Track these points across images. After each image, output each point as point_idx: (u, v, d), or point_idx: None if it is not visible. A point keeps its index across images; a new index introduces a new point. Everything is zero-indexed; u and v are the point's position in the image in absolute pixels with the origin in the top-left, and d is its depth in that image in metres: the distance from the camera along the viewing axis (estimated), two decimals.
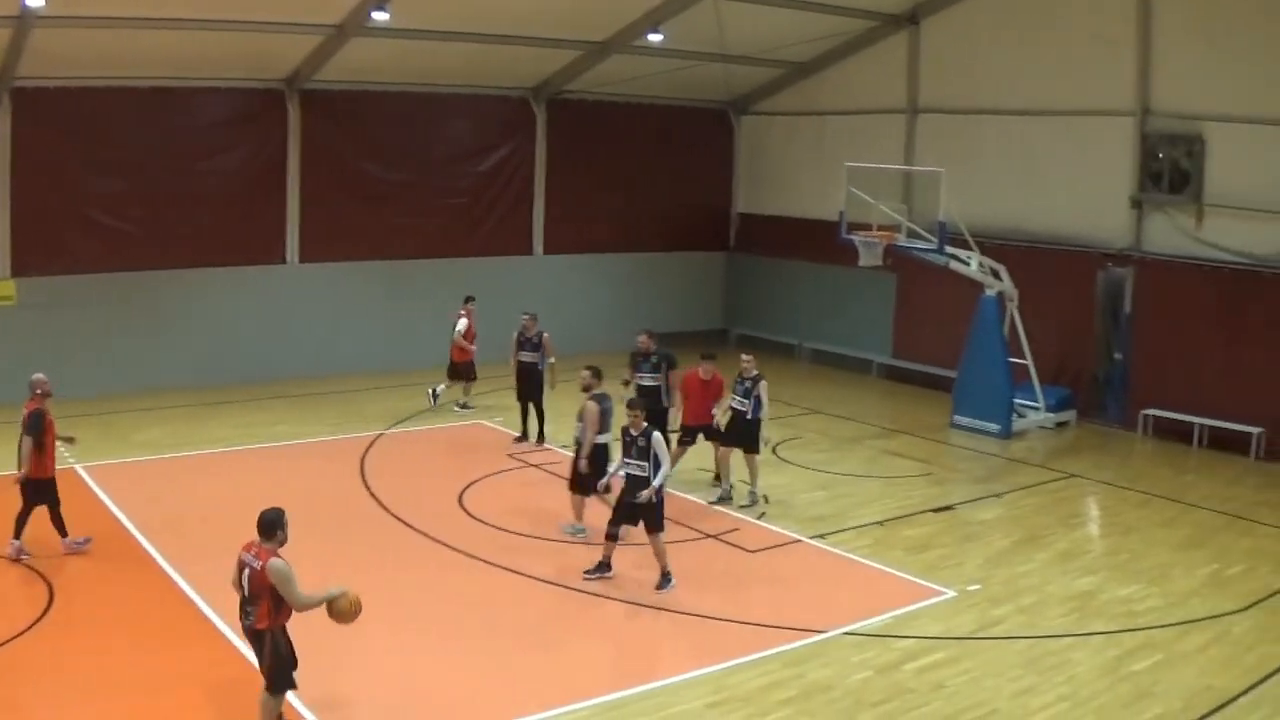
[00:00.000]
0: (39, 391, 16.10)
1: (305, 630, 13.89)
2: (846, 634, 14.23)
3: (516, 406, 22.87)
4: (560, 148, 31.76)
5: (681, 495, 19.22)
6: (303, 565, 16.14)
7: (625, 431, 15.76)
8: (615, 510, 15.85)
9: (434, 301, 29.49)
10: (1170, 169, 24.34)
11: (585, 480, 17.09)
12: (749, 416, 19.04)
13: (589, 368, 17.86)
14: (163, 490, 19.41)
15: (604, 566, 15.90)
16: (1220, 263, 23.72)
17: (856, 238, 24.39)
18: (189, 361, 26.51)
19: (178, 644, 13.47)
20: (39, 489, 15.97)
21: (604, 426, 17.20)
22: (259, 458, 21.44)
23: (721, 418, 19.58)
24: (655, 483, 15.29)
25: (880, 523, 18.64)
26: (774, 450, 22.38)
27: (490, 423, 24.12)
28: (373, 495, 19.29)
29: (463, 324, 24.94)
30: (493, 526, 17.80)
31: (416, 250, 29.58)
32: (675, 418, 19.91)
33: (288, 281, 27.97)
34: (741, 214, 35.39)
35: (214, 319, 26.91)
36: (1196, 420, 23.68)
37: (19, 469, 15.89)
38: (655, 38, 26.56)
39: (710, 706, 12.27)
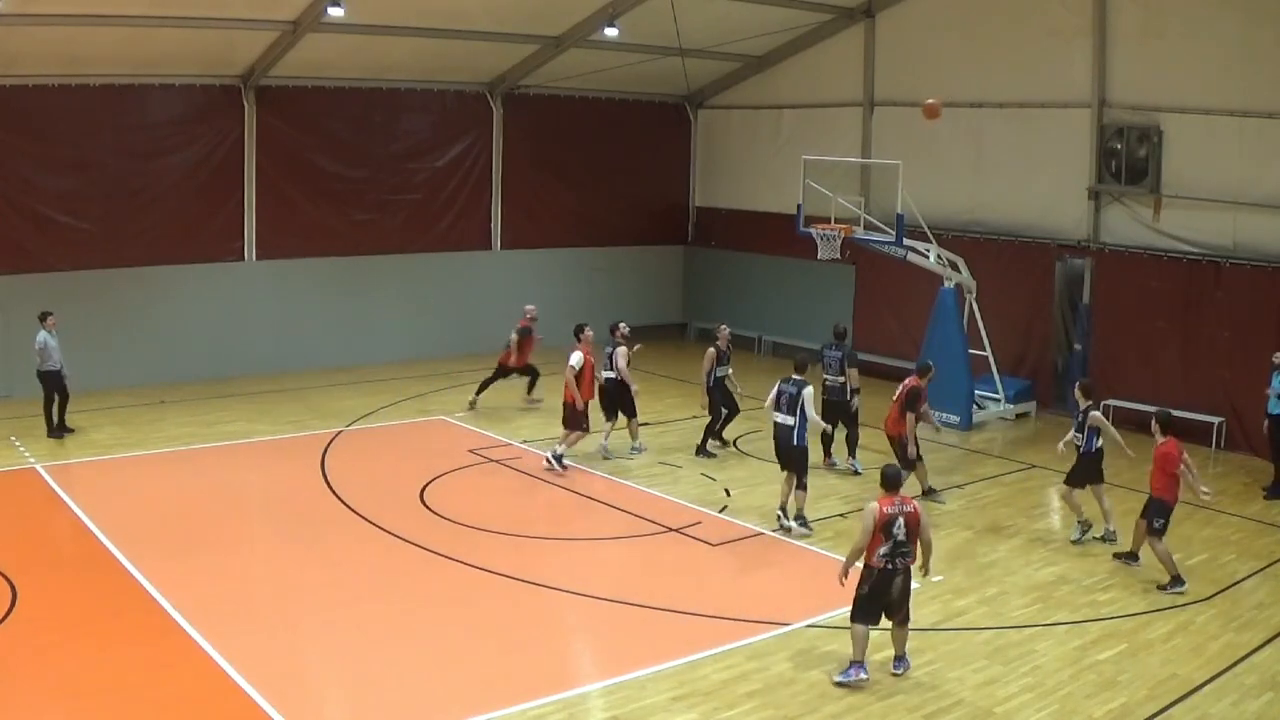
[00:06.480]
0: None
1: (270, 630, 13.85)
2: (810, 626, 14.22)
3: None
4: (518, 142, 31.65)
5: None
6: (266, 562, 16.16)
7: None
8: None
9: (392, 297, 29.50)
10: (1127, 160, 24.44)
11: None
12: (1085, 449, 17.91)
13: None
14: (124, 489, 19.28)
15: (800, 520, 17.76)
16: (1178, 253, 23.85)
17: (815, 231, 24.38)
18: (147, 360, 26.30)
19: (142, 643, 13.39)
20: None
21: None
22: (219, 456, 21.26)
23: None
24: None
25: (843, 515, 18.64)
26: (734, 444, 22.47)
27: (451, 419, 24.04)
28: (334, 492, 19.15)
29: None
30: (454, 522, 17.72)
31: (374, 246, 29.42)
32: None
33: (245, 279, 27.74)
34: (699, 207, 35.36)
35: (172, 317, 26.69)
36: (1156, 410, 23.70)
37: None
38: (611, 32, 26.50)
39: (674, 700, 12.23)
